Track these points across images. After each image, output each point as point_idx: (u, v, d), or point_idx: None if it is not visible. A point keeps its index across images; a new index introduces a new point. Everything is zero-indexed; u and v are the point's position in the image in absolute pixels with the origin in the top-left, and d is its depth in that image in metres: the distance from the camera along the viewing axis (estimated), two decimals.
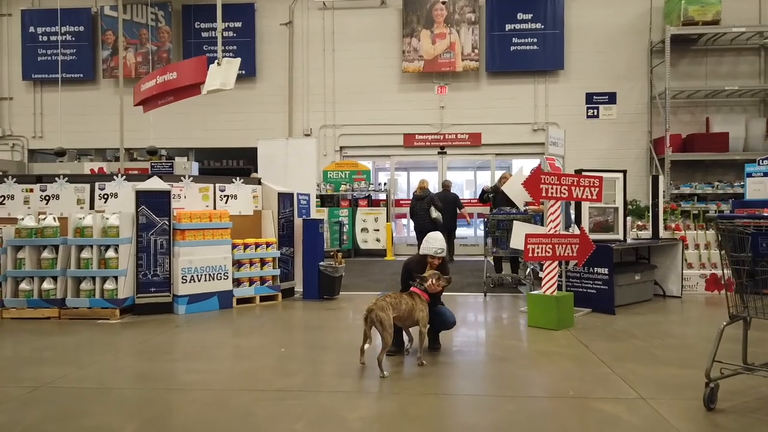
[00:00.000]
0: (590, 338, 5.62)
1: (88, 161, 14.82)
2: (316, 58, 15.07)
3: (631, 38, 14.36)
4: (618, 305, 6.98)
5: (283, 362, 4.92)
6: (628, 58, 14.38)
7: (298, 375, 4.49)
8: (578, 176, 6.28)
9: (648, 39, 14.26)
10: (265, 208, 8.16)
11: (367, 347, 4.55)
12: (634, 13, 14.33)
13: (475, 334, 6.31)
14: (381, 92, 14.93)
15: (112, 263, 6.69)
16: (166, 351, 5.30)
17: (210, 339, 5.82)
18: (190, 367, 4.73)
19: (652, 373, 4.43)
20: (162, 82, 9.75)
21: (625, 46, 14.36)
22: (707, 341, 5.62)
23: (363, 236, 13.96)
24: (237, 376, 4.48)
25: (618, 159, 13.86)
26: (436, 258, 5.00)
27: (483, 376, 4.55)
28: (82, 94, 15.54)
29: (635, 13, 14.33)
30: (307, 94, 15.10)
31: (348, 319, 6.92)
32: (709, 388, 3.59)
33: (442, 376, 4.53)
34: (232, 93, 15.11)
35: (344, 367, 4.66)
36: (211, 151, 16.33)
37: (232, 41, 14.86)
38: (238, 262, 7.48)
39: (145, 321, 6.53)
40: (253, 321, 6.71)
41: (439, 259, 5.02)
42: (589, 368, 4.63)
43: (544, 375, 4.50)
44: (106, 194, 7.31)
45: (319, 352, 5.22)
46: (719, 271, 8.44)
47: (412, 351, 4.98)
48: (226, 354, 5.30)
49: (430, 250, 4.99)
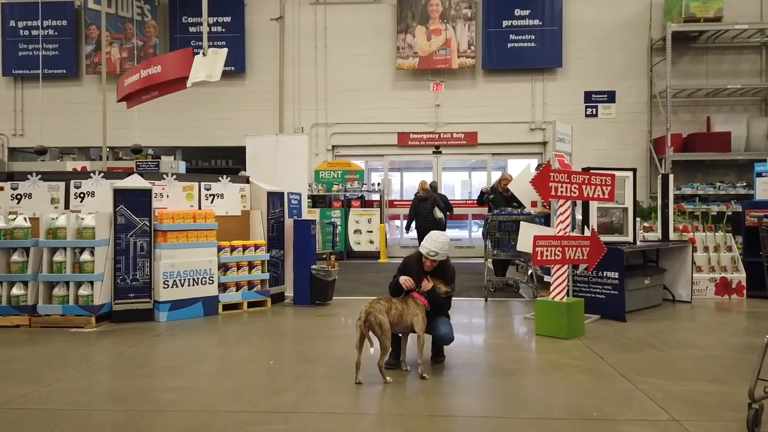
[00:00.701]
0: (604, 348, 5.20)
1: (71, 160, 14.25)
2: (307, 55, 14.61)
3: (631, 35, 14.02)
4: (628, 311, 6.59)
5: (272, 377, 4.46)
6: (628, 55, 14.04)
7: (289, 393, 4.03)
8: (589, 174, 5.87)
9: (648, 36, 13.93)
10: (254, 208, 7.69)
11: (372, 351, 4.13)
12: (634, 9, 14.00)
13: (480, 343, 5.87)
14: (375, 90, 14.48)
15: (88, 267, 6.18)
16: (143, 364, 4.81)
17: (192, 350, 5.35)
18: (167, 384, 4.26)
19: (679, 390, 4.01)
20: (146, 76, 9.25)
21: (625, 44, 14.02)
22: (732, 351, 5.24)
23: (356, 238, 13.50)
24: (220, 395, 4.01)
25: (617, 159, 13.48)
26: (428, 259, 4.57)
27: (494, 394, 4.11)
28: (65, 90, 14.97)
29: (635, 10, 14.00)
30: (298, 92, 14.63)
31: (342, 327, 6.46)
32: (753, 410, 3.17)
33: (449, 393, 4.09)
34: (221, 90, 14.71)
35: (339, 382, 4.20)
36: (199, 150, 15.80)
37: (221, 36, 14.37)
38: (224, 266, 7.00)
39: (122, 329, 6.03)
40: (240, 329, 6.24)
41: (432, 262, 4.58)
42: (610, 383, 4.20)
43: (561, 392, 4.07)
44: (83, 193, 6.80)
45: (312, 365, 4.76)
46: (729, 274, 8.08)
47: (411, 364, 4.54)
48: (208, 368, 4.83)
49: (423, 249, 4.55)
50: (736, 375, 4.36)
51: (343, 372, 4.37)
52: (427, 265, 4.58)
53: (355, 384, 4.13)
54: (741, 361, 4.79)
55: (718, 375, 4.38)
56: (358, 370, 4.17)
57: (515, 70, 14.18)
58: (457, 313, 6.37)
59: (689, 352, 5.13)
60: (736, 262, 8.13)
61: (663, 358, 4.90)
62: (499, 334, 6.15)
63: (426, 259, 4.56)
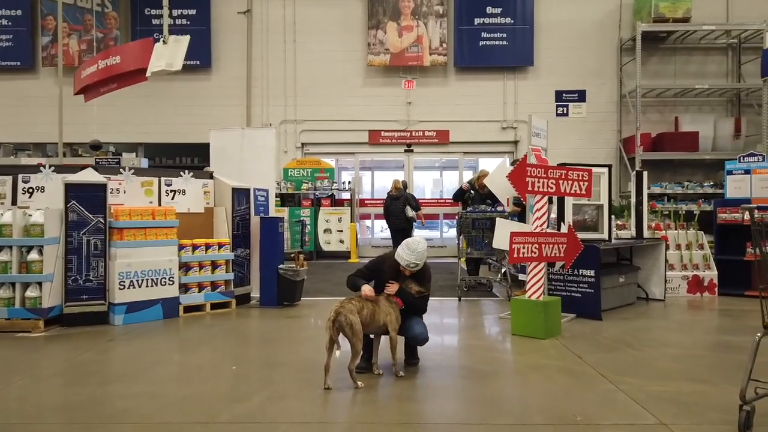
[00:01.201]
0: (582, 348, 5.04)
1: (26, 156, 13.58)
2: (276, 49, 14.22)
3: (601, 35, 14.05)
4: (603, 309, 6.47)
5: (235, 384, 4.15)
6: (598, 55, 14.06)
7: (252, 399, 3.74)
8: (566, 169, 5.72)
9: (618, 36, 13.99)
10: (218, 204, 7.33)
11: (338, 354, 3.86)
12: (604, 9, 14.04)
13: (454, 344, 5.66)
14: (345, 86, 14.18)
15: (36, 267, 5.75)
16: (95, 371, 4.44)
17: (149, 355, 4.99)
18: (121, 392, 3.91)
19: (662, 390, 3.85)
20: (104, 68, 8.79)
21: (595, 43, 14.04)
22: (709, 350, 5.15)
23: (326, 237, 13.18)
24: (178, 404, 3.69)
25: (588, 159, 13.36)
26: (406, 270, 4.34)
27: (471, 398, 3.89)
28: (20, 83, 14.25)
29: (605, 10, 14.03)
30: (266, 87, 14.23)
31: (311, 328, 6.17)
32: (744, 412, 3.02)
33: (423, 398, 3.85)
34: (186, 84, 14.23)
35: (307, 388, 3.92)
36: (163, 146, 15.22)
37: (186, 30, 13.81)
38: (185, 266, 6.64)
39: (74, 333, 5.62)
40: (202, 332, 5.89)
41: (409, 272, 4.35)
42: (590, 385, 4.02)
43: (541, 394, 3.87)
44: (31, 188, 6.35)
45: (277, 369, 4.46)
46: (701, 272, 8.07)
47: (383, 368, 4.29)
48: (167, 374, 4.49)
49: (402, 260, 4.29)
50: (716, 374, 4.24)
51: (312, 376, 4.09)
52: (407, 273, 4.35)
53: (324, 389, 3.85)
54: (719, 360, 4.69)
55: (698, 374, 4.25)
56: (327, 374, 3.90)
57: (487, 68, 14.05)
58: (430, 313, 6.13)
59: (667, 351, 5.01)
60: (708, 260, 8.12)
61: (641, 358, 4.75)
62: (473, 335, 5.95)
63: (404, 269, 4.33)
